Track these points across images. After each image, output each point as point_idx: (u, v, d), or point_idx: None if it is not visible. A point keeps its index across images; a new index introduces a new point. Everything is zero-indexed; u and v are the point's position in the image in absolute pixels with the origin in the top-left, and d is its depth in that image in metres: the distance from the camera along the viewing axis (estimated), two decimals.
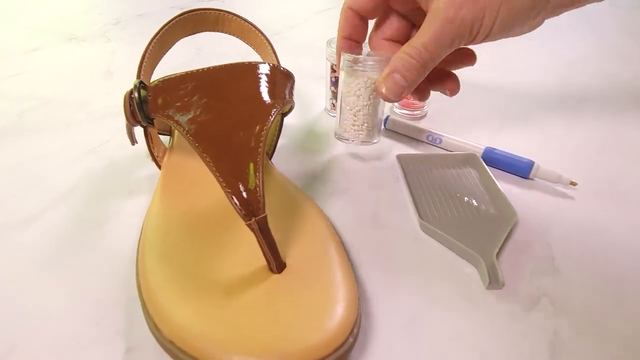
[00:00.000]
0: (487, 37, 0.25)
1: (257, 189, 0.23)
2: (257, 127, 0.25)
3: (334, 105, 0.41)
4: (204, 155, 0.24)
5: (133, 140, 0.31)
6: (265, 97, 0.27)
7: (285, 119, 0.35)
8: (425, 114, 0.42)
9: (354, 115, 0.32)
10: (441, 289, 0.25)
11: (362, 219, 0.30)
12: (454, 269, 0.26)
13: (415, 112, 0.41)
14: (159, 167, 0.32)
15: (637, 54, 0.53)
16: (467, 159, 0.34)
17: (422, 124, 0.39)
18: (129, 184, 0.33)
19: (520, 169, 0.33)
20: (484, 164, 0.33)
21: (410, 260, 0.26)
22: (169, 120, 0.26)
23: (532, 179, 0.33)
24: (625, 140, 0.38)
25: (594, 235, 0.28)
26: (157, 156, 0.32)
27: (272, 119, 0.26)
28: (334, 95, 0.40)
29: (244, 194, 0.22)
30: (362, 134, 0.32)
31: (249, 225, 0.22)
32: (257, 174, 0.23)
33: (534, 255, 0.27)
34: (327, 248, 0.24)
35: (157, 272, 0.23)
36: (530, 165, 0.32)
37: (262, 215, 0.22)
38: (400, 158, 0.34)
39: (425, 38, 0.25)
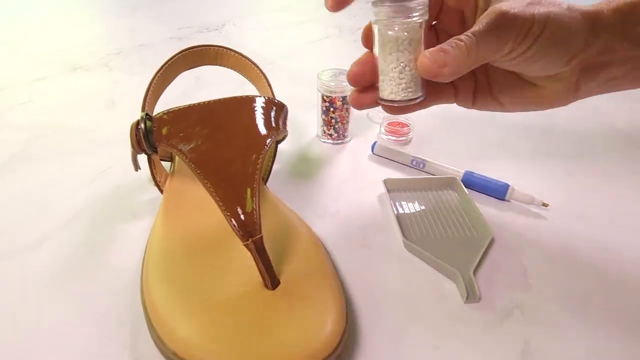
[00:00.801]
0: (532, 46, 0.23)
1: (254, 212, 0.25)
2: (254, 155, 0.28)
3: (324, 132, 0.44)
4: (205, 181, 0.26)
5: (137, 167, 0.34)
6: (261, 127, 0.30)
7: (280, 145, 0.37)
8: (411, 140, 0.44)
9: (400, 73, 0.26)
10: (424, 303, 0.27)
11: (351, 239, 0.32)
12: (436, 285, 0.28)
13: (400, 137, 0.44)
14: (161, 191, 0.34)
15: None
16: (448, 182, 0.37)
17: (407, 149, 0.42)
18: (133, 207, 0.35)
19: (497, 192, 0.35)
20: (464, 186, 0.36)
21: (395, 277, 0.29)
22: (172, 149, 0.29)
23: (509, 201, 0.36)
24: (593, 164, 0.41)
25: (563, 253, 0.31)
26: (159, 181, 0.34)
27: (267, 149, 0.28)
28: (325, 122, 0.43)
29: (242, 217, 0.25)
30: (410, 90, 0.26)
31: (246, 246, 0.24)
32: (254, 198, 0.26)
33: (508, 271, 0.29)
34: (318, 266, 0.27)
35: (161, 289, 0.25)
36: (505, 187, 0.35)
37: (259, 236, 0.24)
38: (386, 182, 0.36)
39: (476, 28, 0.23)
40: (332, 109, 0.41)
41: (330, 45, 0.72)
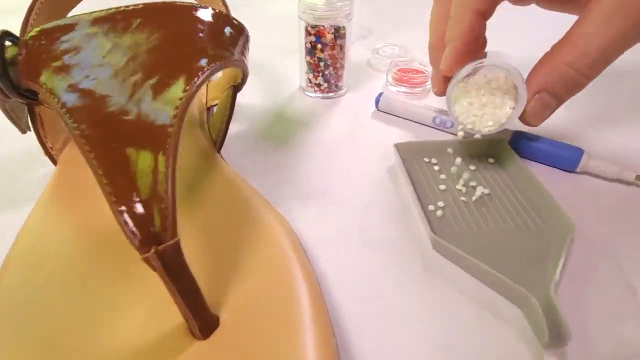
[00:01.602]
0: None
1: (165, 197, 0.13)
2: (175, 87, 0.16)
3: (310, 82, 0.31)
4: (82, 141, 0.14)
5: (20, 126, 0.22)
6: (196, 48, 0.18)
7: (248, 101, 0.25)
8: (429, 92, 0.33)
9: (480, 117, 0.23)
10: (469, 347, 0.16)
11: (346, 233, 0.20)
12: (488, 314, 0.17)
13: (415, 88, 0.32)
14: (55, 162, 0.22)
15: None
16: (491, 147, 0.25)
17: (424, 103, 0.30)
18: (13, 189, 0.23)
19: (564, 160, 0.24)
20: (515, 153, 0.24)
21: (419, 298, 0.17)
22: (40, 89, 0.17)
23: (579, 174, 0.24)
24: None
25: None
26: (51, 148, 0.22)
27: (202, 77, 0.16)
28: (311, 67, 0.31)
29: (139, 207, 0.13)
30: (491, 126, 0.23)
31: (146, 260, 0.13)
32: (168, 171, 0.14)
33: (603, 286, 0.18)
34: (291, 290, 0.15)
35: (8, 338, 0.14)
36: (578, 154, 0.23)
37: (171, 242, 0.13)
38: (399, 148, 0.25)
39: (603, 39, 0.19)
40: (319, 46, 0.29)
41: None
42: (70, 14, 0.25)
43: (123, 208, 0.13)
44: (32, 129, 0.22)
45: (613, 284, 0.18)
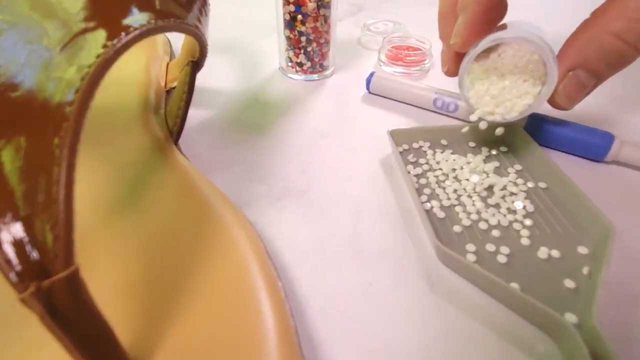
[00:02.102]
0: None
1: (55, 208, 0.09)
2: (87, 51, 0.11)
3: (291, 61, 0.27)
4: None
5: None
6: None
7: (218, 84, 0.21)
8: (428, 71, 0.29)
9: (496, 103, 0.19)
10: None
11: (333, 243, 0.16)
12: (512, 347, 0.13)
13: (412, 68, 0.28)
14: None
15: None
16: (504, 133, 0.21)
17: (423, 84, 0.26)
18: None
19: (591, 147, 0.20)
20: (533, 140, 0.20)
21: (425, 332, 0.14)
22: None
23: (609, 163, 0.20)
24: None
25: None
26: None
27: (133, 34, 0.12)
28: (291, 43, 0.26)
29: (18, 226, 0.09)
30: (511, 114, 0.19)
31: (22, 301, 0.08)
32: (60, 168, 0.09)
33: None
34: (256, 326, 0.11)
35: None
36: (609, 140, 0.20)
37: (63, 274, 0.09)
38: (394, 135, 0.21)
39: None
40: (300, 18, 0.25)
41: None
42: None
43: None
44: None
45: None
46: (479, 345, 0.13)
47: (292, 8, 0.25)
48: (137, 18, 0.12)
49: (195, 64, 0.19)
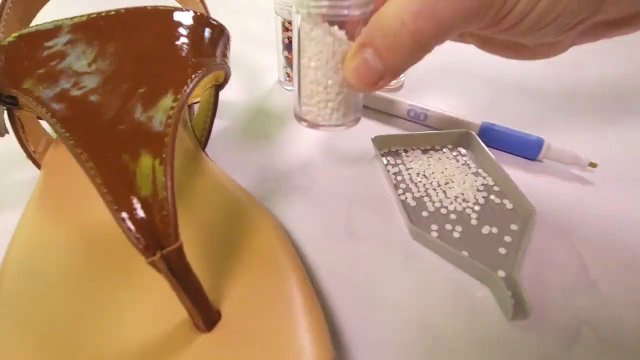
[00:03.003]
0: (519, 23, 0.15)
1: (165, 203, 0.14)
2: (166, 98, 0.16)
3: (289, 76, 0.32)
4: (78, 151, 0.15)
5: (2, 129, 0.22)
6: (183, 55, 0.18)
7: (225, 96, 0.26)
8: (402, 84, 0.34)
9: (324, 88, 0.19)
10: (447, 324, 0.17)
11: (332, 228, 0.22)
12: (462, 294, 0.19)
13: (390, 82, 0.33)
14: (38, 166, 0.22)
15: None
16: (461, 138, 0.27)
17: (399, 96, 0.31)
18: None
19: (527, 149, 0.26)
20: (483, 143, 0.26)
21: (402, 286, 0.19)
22: (26, 96, 0.17)
23: (541, 161, 0.26)
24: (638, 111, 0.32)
25: (629, 232, 0.22)
26: (33, 151, 0.22)
27: (191, 86, 0.17)
28: (289, 62, 0.31)
29: (140, 212, 0.14)
30: (335, 113, 0.20)
31: (152, 264, 0.13)
32: (167, 178, 0.14)
33: (560, 265, 0.20)
34: (284, 282, 0.16)
35: (14, 338, 0.14)
36: (539, 143, 0.26)
37: (174, 246, 0.14)
38: (376, 141, 0.26)
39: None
40: None
41: None
42: (39, 15, 0.24)
43: (125, 215, 0.14)
44: (8, 131, 0.22)
45: (565, 263, 0.20)
46: (439, 293, 0.19)
47: (290, 34, 0.29)
48: (188, 73, 0.17)
49: (218, 86, 0.24)
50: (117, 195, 0.14)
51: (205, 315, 0.14)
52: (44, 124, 0.25)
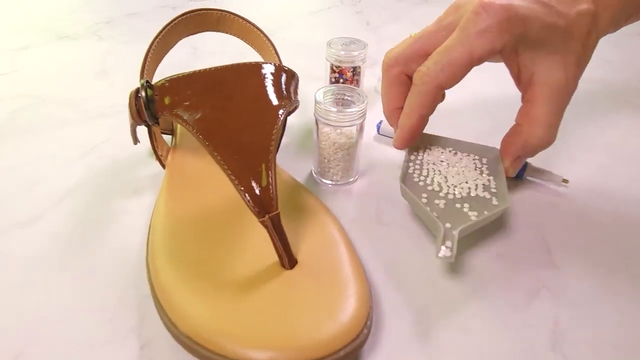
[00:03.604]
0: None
1: (270, 186, 0.23)
2: (267, 126, 0.25)
3: None
4: (215, 153, 0.24)
5: (136, 140, 0.31)
6: (272, 96, 0.28)
7: (288, 119, 0.35)
8: None
9: (328, 162, 0.32)
10: (445, 281, 0.26)
11: (365, 215, 0.30)
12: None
13: None
14: (163, 166, 0.32)
15: (619, 61, 0.56)
16: (484, 151, 0.33)
17: None
18: (133, 183, 0.33)
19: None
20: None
21: (413, 257, 0.27)
22: (177, 119, 0.26)
23: (526, 178, 0.34)
24: (609, 139, 0.40)
25: (586, 229, 0.30)
26: (160, 155, 0.32)
27: (281, 119, 0.26)
28: None
29: (257, 191, 0.23)
30: (337, 176, 0.33)
31: (262, 222, 0.22)
32: (269, 172, 0.24)
33: (532, 249, 0.28)
34: (336, 244, 0.25)
35: (170, 270, 0.23)
36: (524, 165, 0.34)
37: (275, 212, 0.23)
38: (422, 137, 0.33)
39: (554, 116, 0.28)
40: (341, 81, 0.39)
41: (331, 16, 0.69)
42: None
43: (247, 194, 0.23)
44: (149, 142, 0.31)
45: (535, 248, 0.28)
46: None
47: (336, 75, 0.39)
48: (279, 113, 0.27)
49: (289, 113, 0.33)
50: (241, 180, 0.23)
51: (289, 258, 0.23)
52: (165, 137, 0.34)
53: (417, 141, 0.33)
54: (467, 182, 0.30)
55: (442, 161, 0.32)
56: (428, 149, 0.33)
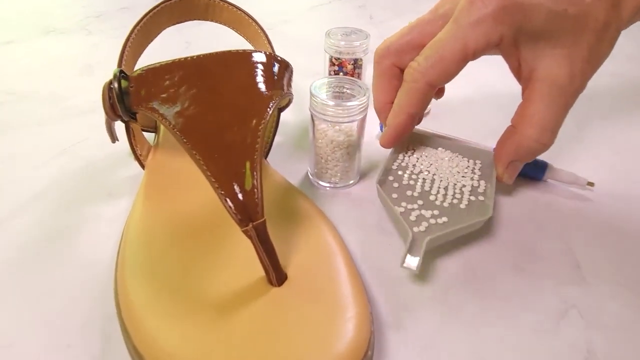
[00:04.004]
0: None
1: (255, 190, 0.20)
2: (254, 121, 0.22)
3: None
4: (194, 152, 0.21)
5: (113, 138, 0.28)
6: (262, 88, 0.24)
7: (282, 116, 0.32)
8: (428, 112, 0.39)
9: (325, 161, 0.29)
10: (459, 300, 0.22)
11: (366, 222, 0.27)
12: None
13: None
14: (143, 167, 0.29)
15: None
16: (480, 154, 0.30)
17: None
18: (108, 186, 0.30)
19: (534, 171, 0.31)
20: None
21: (421, 271, 0.24)
22: (153, 113, 0.23)
23: (546, 181, 0.31)
24: (635, 140, 0.36)
25: (618, 239, 0.26)
26: (140, 155, 0.29)
27: (270, 112, 0.23)
28: None
29: (240, 196, 0.20)
30: (333, 178, 0.30)
31: (245, 232, 0.19)
32: (255, 173, 0.20)
33: (557, 263, 0.25)
34: (333, 256, 0.22)
35: (140, 288, 0.20)
36: (543, 166, 0.30)
37: (261, 220, 0.19)
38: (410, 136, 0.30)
39: (555, 115, 0.24)
40: (341, 74, 0.36)
41: (333, 11, 0.66)
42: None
43: (228, 199, 0.19)
44: (126, 139, 0.28)
45: (562, 262, 0.25)
46: (449, 274, 0.24)
47: (335, 68, 0.36)
48: (267, 104, 0.23)
49: (280, 109, 0.30)
50: (222, 183, 0.20)
51: (277, 273, 0.20)
52: (147, 135, 0.31)
53: (407, 140, 0.30)
54: (452, 187, 0.27)
55: (430, 164, 0.29)
56: (416, 149, 0.31)
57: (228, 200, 0.19)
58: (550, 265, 0.24)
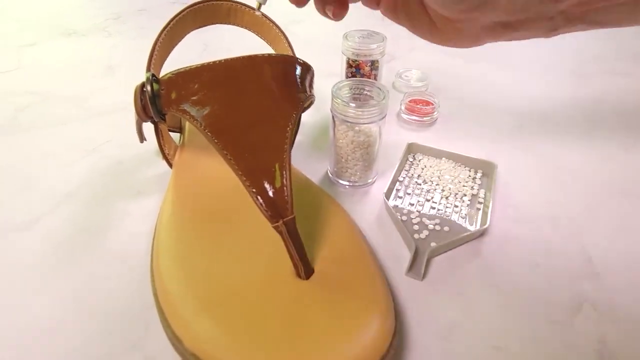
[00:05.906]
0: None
1: (285, 188, 0.21)
2: (281, 122, 0.23)
3: None
4: (224, 152, 0.22)
5: (142, 137, 0.30)
6: (288, 90, 0.25)
7: (303, 117, 0.33)
8: (435, 120, 0.40)
9: (345, 161, 0.30)
10: (477, 294, 0.23)
11: (385, 219, 0.28)
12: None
13: (424, 117, 0.39)
14: (170, 165, 0.30)
15: None
16: (481, 164, 0.32)
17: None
18: (137, 184, 0.31)
19: None
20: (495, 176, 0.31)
21: (443, 264, 0.25)
22: (184, 115, 0.24)
23: None
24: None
25: (629, 231, 0.27)
26: (167, 154, 0.30)
27: (297, 115, 0.24)
28: None
29: (270, 194, 0.21)
30: (355, 177, 0.31)
31: (276, 228, 0.20)
32: (284, 172, 0.21)
33: (570, 257, 0.25)
34: (357, 251, 0.23)
35: (175, 278, 0.21)
36: None
37: (291, 217, 0.20)
38: (410, 146, 0.32)
39: None
40: (358, 76, 0.37)
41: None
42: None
43: (259, 196, 0.21)
44: (154, 140, 0.29)
45: (574, 256, 0.26)
46: (468, 271, 0.25)
47: (353, 69, 0.37)
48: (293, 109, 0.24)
49: (303, 109, 0.31)
50: (252, 181, 0.21)
51: (306, 267, 0.21)
52: (173, 135, 0.33)
53: (412, 152, 0.33)
54: (454, 196, 0.30)
55: (433, 173, 0.31)
56: (421, 159, 0.33)
57: (259, 197, 0.21)
58: (563, 260, 0.25)
